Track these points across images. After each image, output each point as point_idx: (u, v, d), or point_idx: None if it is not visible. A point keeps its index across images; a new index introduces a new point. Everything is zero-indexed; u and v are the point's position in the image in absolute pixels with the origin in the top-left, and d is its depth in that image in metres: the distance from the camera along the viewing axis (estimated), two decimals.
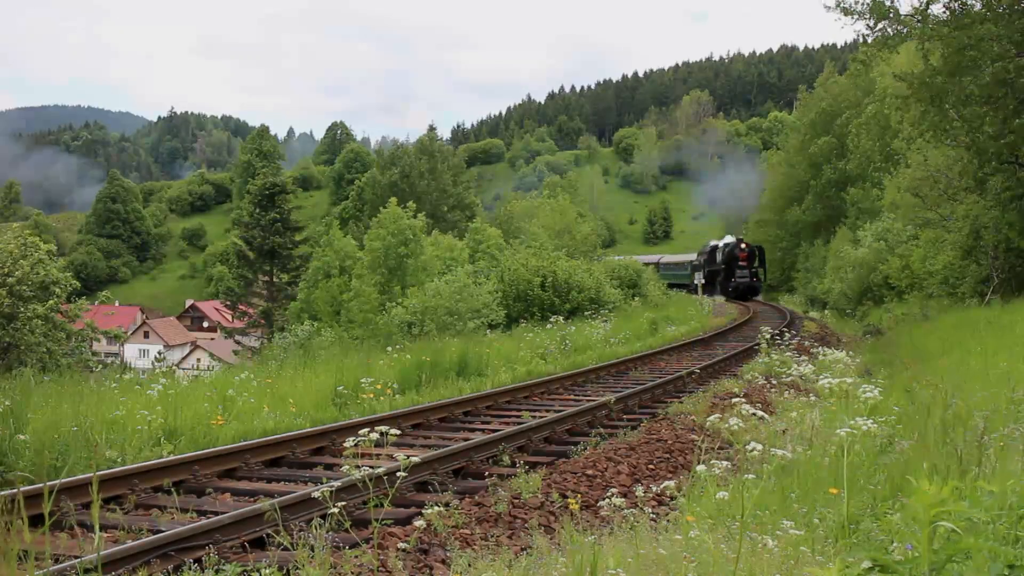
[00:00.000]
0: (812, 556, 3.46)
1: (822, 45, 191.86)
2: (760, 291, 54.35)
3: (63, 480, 6.46)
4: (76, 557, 4.75)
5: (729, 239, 57.32)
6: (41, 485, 6.41)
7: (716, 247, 57.04)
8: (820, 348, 14.93)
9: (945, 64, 20.34)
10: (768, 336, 15.25)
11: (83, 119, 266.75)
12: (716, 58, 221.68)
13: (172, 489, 6.90)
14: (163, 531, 5.38)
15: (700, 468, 3.50)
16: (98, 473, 6.73)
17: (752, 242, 58.21)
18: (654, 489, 6.00)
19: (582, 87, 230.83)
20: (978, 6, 20.24)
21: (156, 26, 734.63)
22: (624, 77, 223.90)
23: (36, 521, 6.02)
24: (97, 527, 2.37)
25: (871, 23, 21.11)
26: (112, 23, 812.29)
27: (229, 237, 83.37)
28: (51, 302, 19.86)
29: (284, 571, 4.76)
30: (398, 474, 3.93)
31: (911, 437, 5.46)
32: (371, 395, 11.12)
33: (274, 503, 5.51)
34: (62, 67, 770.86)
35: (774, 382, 12.20)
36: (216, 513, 6.06)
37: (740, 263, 52.90)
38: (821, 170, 56.44)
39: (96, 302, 29.85)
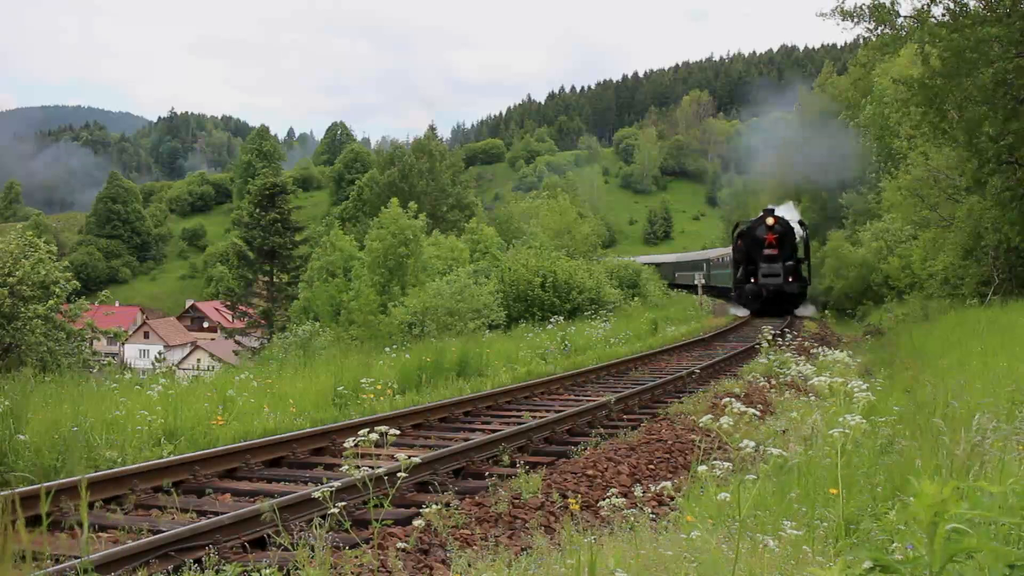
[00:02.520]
0: (813, 556, 3.46)
1: (822, 45, 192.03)
2: (804, 298, 33.90)
3: (62, 481, 6.46)
4: (76, 557, 4.75)
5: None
6: (40, 486, 6.41)
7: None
8: (820, 348, 14.91)
9: (944, 66, 20.35)
10: (768, 336, 15.24)
11: (83, 119, 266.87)
12: (716, 58, 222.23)
13: (172, 489, 6.90)
14: (163, 531, 5.37)
15: (702, 468, 3.50)
16: (98, 474, 6.74)
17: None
18: (654, 489, 5.99)
19: (582, 87, 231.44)
20: (974, 5, 20.25)
21: (155, 26, 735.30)
22: (624, 77, 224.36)
23: (34, 521, 6.02)
24: None
25: (871, 26, 21.12)
26: (110, 22, 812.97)
27: (229, 237, 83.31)
28: (51, 302, 19.83)
29: (284, 571, 4.76)
30: (399, 475, 3.93)
31: (911, 437, 5.46)
32: (371, 395, 11.11)
33: (274, 503, 5.51)
34: (62, 67, 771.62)
35: (774, 382, 12.19)
36: (216, 513, 6.05)
37: (767, 250, 32.20)
38: None
39: (96, 302, 29.80)
